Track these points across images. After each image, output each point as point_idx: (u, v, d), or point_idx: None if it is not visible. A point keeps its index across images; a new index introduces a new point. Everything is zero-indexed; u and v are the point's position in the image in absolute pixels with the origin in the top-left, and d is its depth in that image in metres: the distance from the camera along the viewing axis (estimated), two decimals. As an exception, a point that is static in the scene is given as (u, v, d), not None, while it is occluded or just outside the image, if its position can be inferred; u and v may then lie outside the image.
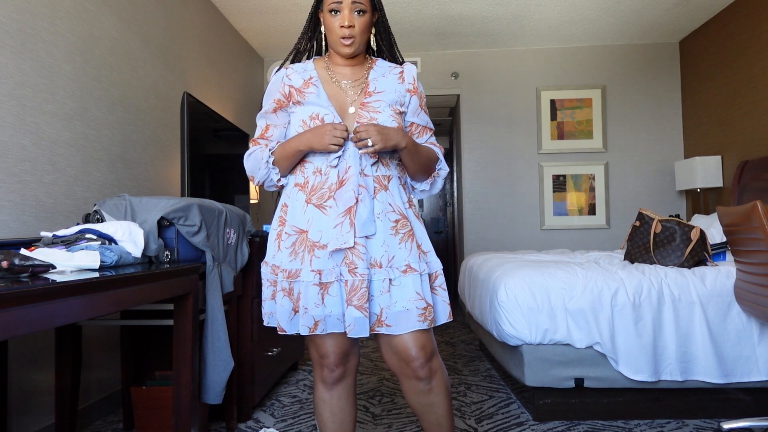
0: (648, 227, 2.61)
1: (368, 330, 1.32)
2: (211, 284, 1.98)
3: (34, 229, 2.07)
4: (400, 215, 1.39)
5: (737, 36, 3.95)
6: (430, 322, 1.35)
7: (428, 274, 1.39)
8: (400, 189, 1.44)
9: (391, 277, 1.33)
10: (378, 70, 1.48)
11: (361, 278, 1.30)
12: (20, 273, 1.16)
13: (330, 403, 1.49)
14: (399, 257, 1.35)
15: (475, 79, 4.99)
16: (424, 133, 1.51)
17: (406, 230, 1.38)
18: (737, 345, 2.22)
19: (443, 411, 1.42)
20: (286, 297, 1.38)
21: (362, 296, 1.30)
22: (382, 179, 1.40)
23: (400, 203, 1.41)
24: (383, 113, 1.40)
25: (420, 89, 1.50)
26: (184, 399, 1.72)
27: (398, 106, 1.44)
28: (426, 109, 1.53)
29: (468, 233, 4.96)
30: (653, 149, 4.84)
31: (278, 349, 2.76)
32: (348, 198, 1.33)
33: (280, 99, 1.44)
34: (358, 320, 1.30)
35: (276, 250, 1.43)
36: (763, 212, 1.83)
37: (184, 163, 2.56)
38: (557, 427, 2.27)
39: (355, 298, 1.30)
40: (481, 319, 2.77)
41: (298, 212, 1.40)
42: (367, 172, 1.37)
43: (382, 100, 1.42)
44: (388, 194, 1.40)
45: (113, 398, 2.56)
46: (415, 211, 1.46)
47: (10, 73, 1.99)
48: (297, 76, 1.44)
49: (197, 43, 3.65)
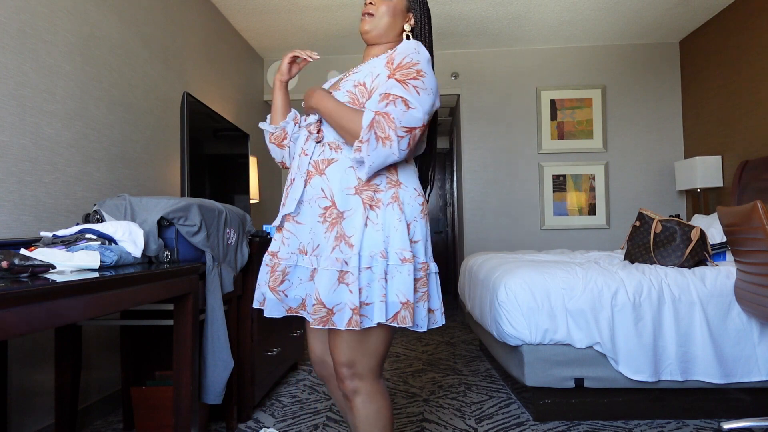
0: (648, 227, 2.61)
1: (283, 311, 1.34)
2: (211, 284, 1.98)
3: (34, 229, 2.07)
4: (330, 202, 1.29)
5: (737, 36, 3.95)
6: (316, 320, 1.23)
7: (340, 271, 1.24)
8: (346, 173, 1.29)
9: (315, 266, 1.31)
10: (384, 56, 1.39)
11: (277, 261, 1.36)
12: (20, 273, 1.16)
13: (332, 390, 1.53)
14: (323, 246, 1.29)
15: (475, 79, 4.99)
16: (384, 99, 1.25)
17: (331, 218, 1.29)
18: (737, 345, 2.22)
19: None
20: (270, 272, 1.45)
21: (276, 279, 1.34)
22: (320, 163, 1.32)
23: (337, 188, 1.29)
24: (341, 90, 1.36)
25: (400, 60, 1.29)
26: (184, 399, 1.72)
27: (368, 81, 1.32)
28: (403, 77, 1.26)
29: (468, 233, 4.96)
30: (653, 149, 4.84)
31: (278, 349, 2.76)
32: (291, 175, 1.39)
33: None
34: (270, 301, 1.35)
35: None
36: (763, 212, 1.83)
37: (184, 163, 2.56)
38: (557, 427, 2.27)
39: (271, 279, 1.35)
40: (481, 319, 2.77)
41: None
42: (307, 151, 1.37)
43: (350, 79, 1.37)
44: (323, 179, 1.31)
45: (113, 398, 2.56)
46: (367, 198, 1.28)
47: (10, 73, 1.99)
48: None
49: (197, 43, 3.65)
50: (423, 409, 2.50)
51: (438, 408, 2.52)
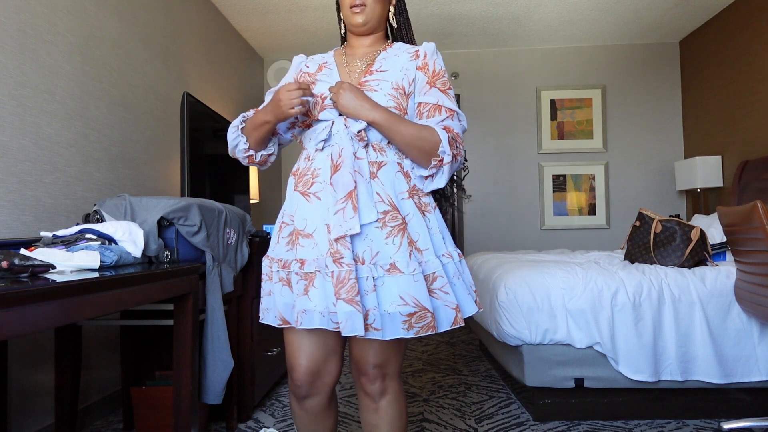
0: (648, 227, 2.61)
1: (363, 327, 1.16)
2: (211, 284, 1.98)
3: (34, 229, 2.07)
4: (390, 206, 1.25)
5: (737, 36, 3.95)
6: (420, 329, 1.20)
7: (423, 274, 1.22)
8: (397, 177, 1.29)
9: (375, 275, 1.20)
10: (392, 51, 1.38)
11: (348, 269, 1.18)
12: (20, 273, 1.16)
13: (300, 415, 1.38)
14: (384, 254, 1.21)
15: (475, 79, 4.99)
16: (435, 112, 1.31)
17: (395, 224, 1.23)
18: (737, 345, 2.22)
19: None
20: (286, 287, 1.30)
21: (351, 288, 1.16)
22: (371, 166, 1.28)
23: (392, 193, 1.27)
24: (380, 92, 1.29)
25: (434, 67, 1.34)
26: (184, 399, 1.72)
27: (405, 84, 1.32)
28: (443, 87, 1.34)
29: (468, 233, 4.96)
30: (653, 149, 4.84)
31: (278, 349, 2.76)
32: (347, 182, 1.22)
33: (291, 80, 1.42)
34: (350, 315, 1.15)
35: (276, 241, 1.37)
36: (763, 212, 1.83)
37: (184, 163, 2.56)
38: (557, 427, 2.27)
39: (343, 291, 1.17)
40: (481, 319, 2.77)
41: (290, 200, 1.35)
42: (360, 155, 1.27)
43: (383, 79, 1.31)
44: (377, 182, 1.27)
45: (113, 398, 2.56)
46: (418, 202, 1.30)
47: (10, 73, 1.99)
48: (313, 63, 1.43)
49: (197, 43, 3.65)
50: (423, 409, 2.50)
51: (438, 408, 2.52)
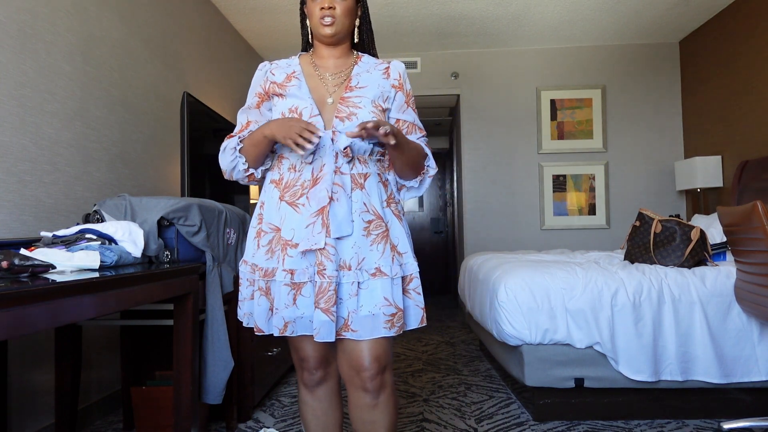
0: (648, 227, 2.61)
1: (334, 335, 1.25)
2: (211, 284, 1.98)
3: (34, 229, 2.07)
4: (374, 215, 1.33)
5: (737, 36, 3.95)
6: (398, 328, 1.30)
7: (401, 277, 1.33)
8: (378, 187, 1.37)
9: (360, 280, 1.28)
10: (363, 66, 1.43)
11: (328, 280, 1.25)
12: (20, 273, 1.16)
13: (312, 406, 1.47)
14: (369, 259, 1.30)
15: (475, 79, 4.99)
16: (413, 130, 1.44)
17: (379, 231, 1.33)
18: (737, 345, 2.22)
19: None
20: (263, 296, 1.35)
21: (329, 299, 1.25)
22: (358, 177, 1.34)
23: (376, 202, 1.35)
24: (364, 109, 1.34)
25: (407, 87, 1.45)
26: (184, 399, 1.72)
27: (381, 102, 1.39)
28: (414, 107, 1.47)
29: (468, 233, 4.96)
30: (653, 149, 4.84)
31: (278, 349, 2.76)
32: (321, 197, 1.28)
33: (260, 93, 1.44)
34: (324, 324, 1.24)
35: (255, 248, 1.38)
36: (763, 212, 1.83)
37: (184, 163, 2.56)
38: (557, 427, 2.27)
39: (322, 301, 1.25)
40: (481, 319, 2.77)
41: (273, 209, 1.36)
42: (343, 170, 1.32)
43: (363, 96, 1.37)
44: (364, 193, 1.34)
45: (113, 398, 2.56)
46: (395, 210, 1.40)
47: (10, 73, 1.99)
48: (280, 71, 1.42)
49: (197, 43, 3.65)
50: (423, 409, 2.50)
51: (438, 408, 2.52)
